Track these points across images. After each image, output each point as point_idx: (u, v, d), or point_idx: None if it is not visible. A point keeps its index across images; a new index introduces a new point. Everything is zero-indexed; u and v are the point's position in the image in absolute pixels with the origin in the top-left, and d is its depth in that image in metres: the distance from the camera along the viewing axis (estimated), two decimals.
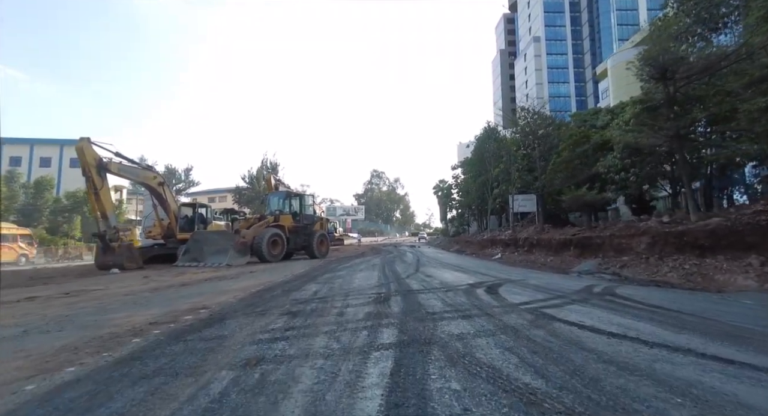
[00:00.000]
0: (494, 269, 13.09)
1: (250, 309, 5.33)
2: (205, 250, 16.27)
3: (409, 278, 9.14)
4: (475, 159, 33.79)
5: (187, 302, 5.99)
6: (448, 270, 11.87)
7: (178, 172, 72.89)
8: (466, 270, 11.97)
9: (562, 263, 15.06)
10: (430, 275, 10.04)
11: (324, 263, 15.99)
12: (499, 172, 26.64)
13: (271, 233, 16.60)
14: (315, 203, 32.63)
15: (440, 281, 8.43)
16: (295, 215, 18.75)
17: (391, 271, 11.35)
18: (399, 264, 14.59)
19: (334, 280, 8.89)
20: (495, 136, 30.45)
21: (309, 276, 9.83)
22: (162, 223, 19.25)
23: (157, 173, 18.27)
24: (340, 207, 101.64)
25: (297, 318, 4.71)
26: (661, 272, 9.50)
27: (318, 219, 20.61)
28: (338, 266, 13.87)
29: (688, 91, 11.68)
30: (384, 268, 12.41)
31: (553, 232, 20.59)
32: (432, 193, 63.86)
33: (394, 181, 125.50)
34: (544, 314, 4.78)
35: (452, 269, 12.59)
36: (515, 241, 23.30)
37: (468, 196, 39.57)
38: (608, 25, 71.63)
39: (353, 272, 11.14)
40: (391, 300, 5.92)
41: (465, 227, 47.05)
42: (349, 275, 9.89)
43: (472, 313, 4.87)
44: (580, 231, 16.87)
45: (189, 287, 8.13)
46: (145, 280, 9.97)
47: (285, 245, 17.15)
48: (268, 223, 17.19)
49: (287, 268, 12.99)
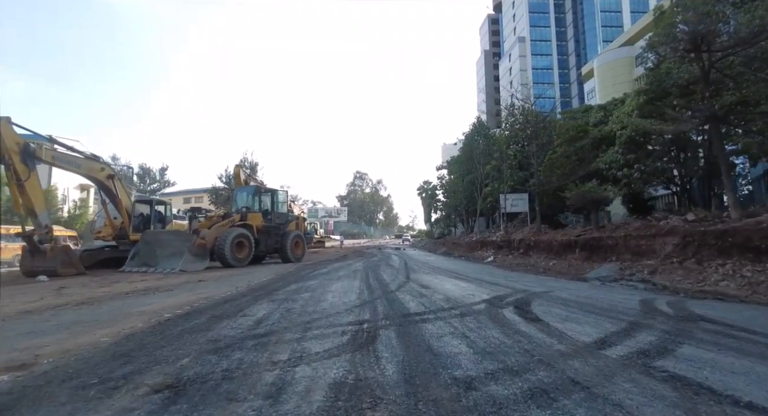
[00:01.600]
0: (497, 275, 11.16)
1: (104, 370, 2.88)
2: (158, 253, 13.91)
3: (400, 291, 7.07)
4: (464, 157, 32.08)
5: (21, 344, 3.71)
6: (445, 277, 9.87)
7: (153, 171, 69.49)
8: (467, 277, 9.99)
9: (569, 267, 13.24)
10: (426, 285, 8.00)
11: (297, 268, 13.79)
12: (491, 169, 24.87)
13: (236, 234, 14.32)
14: (292, 201, 30.25)
15: (444, 296, 6.38)
16: (266, 213, 16.50)
17: (377, 280, 9.25)
18: (385, 269, 12.54)
19: (299, 295, 6.66)
20: (484, 132, 28.70)
21: (267, 289, 7.61)
22: (113, 222, 16.73)
23: (105, 164, 15.72)
24: (323, 209, 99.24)
25: (175, 406, 2.24)
26: (710, 281, 7.69)
27: (293, 218, 18.36)
28: (312, 272, 11.71)
29: (723, 66, 9.97)
30: (367, 275, 10.29)
31: (551, 233, 18.87)
32: (416, 194, 62.04)
33: (377, 182, 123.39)
34: (662, 372, 2.76)
35: (449, 275, 10.60)
36: (509, 243, 21.55)
37: (454, 196, 37.83)
38: (593, 26, 71.46)
39: (329, 281, 8.97)
40: (379, 341, 3.63)
41: (451, 228, 45.32)
42: (322, 287, 7.74)
43: (540, 379, 2.60)
44: (585, 231, 15.13)
45: (90, 306, 5.85)
46: (56, 292, 7.65)
47: (252, 248, 14.89)
48: (233, 222, 14.90)
49: (249, 275, 10.78)
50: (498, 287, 7.61)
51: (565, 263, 14.46)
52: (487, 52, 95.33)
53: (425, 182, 57.06)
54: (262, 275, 10.84)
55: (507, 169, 23.78)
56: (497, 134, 28.39)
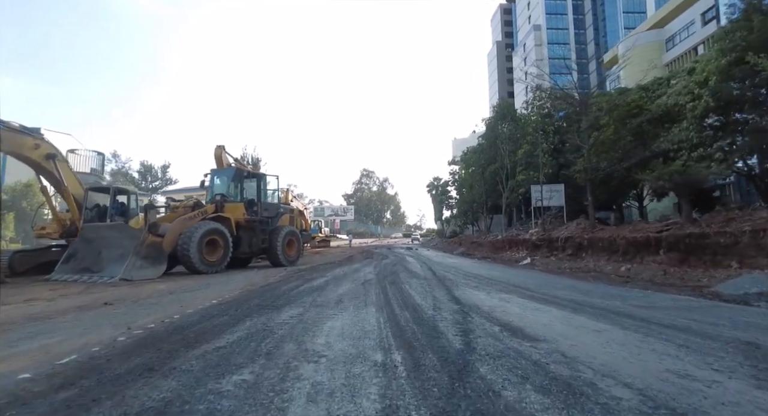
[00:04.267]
0: (567, 287, 7.47)
1: None
2: (104, 255, 10.45)
3: (477, 351, 3.25)
4: (486, 145, 28.27)
5: None
6: (512, 297, 6.18)
7: (155, 169, 66.54)
8: (543, 296, 6.30)
9: (664, 276, 9.50)
10: (503, 321, 4.29)
11: (284, 276, 10.09)
12: (523, 153, 21.03)
13: (207, 230, 10.77)
14: (293, 195, 26.67)
15: (578, 361, 2.73)
16: (251, 204, 12.93)
17: (405, 304, 5.44)
18: (408, 280, 8.85)
19: (228, 378, 2.62)
20: (512, 115, 24.93)
21: (183, 335, 3.85)
22: (60, 216, 13.31)
23: (41, 140, 12.14)
24: (329, 207, 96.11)
25: None
26: None
27: (285, 211, 14.73)
28: (301, 286, 7.99)
29: None
30: (386, 294, 6.53)
31: (609, 229, 15.11)
32: (425, 192, 58.24)
33: (384, 180, 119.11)
34: None
35: (509, 290, 6.94)
36: (549, 242, 17.81)
37: (471, 191, 34.03)
38: (614, 12, 67.24)
39: (320, 311, 5.00)
40: None
41: (468, 226, 41.52)
42: (302, 335, 3.82)
43: None
44: (668, 226, 11.35)
45: None
46: None
47: (229, 248, 11.35)
48: (204, 214, 11.36)
49: (203, 291, 7.19)
50: (636, 323, 3.98)
51: (645, 268, 10.75)
52: (499, 43, 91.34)
53: (435, 179, 53.54)
54: (225, 290, 7.21)
55: (543, 153, 19.99)
56: (527, 116, 24.58)
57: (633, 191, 19.03)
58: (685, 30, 42.80)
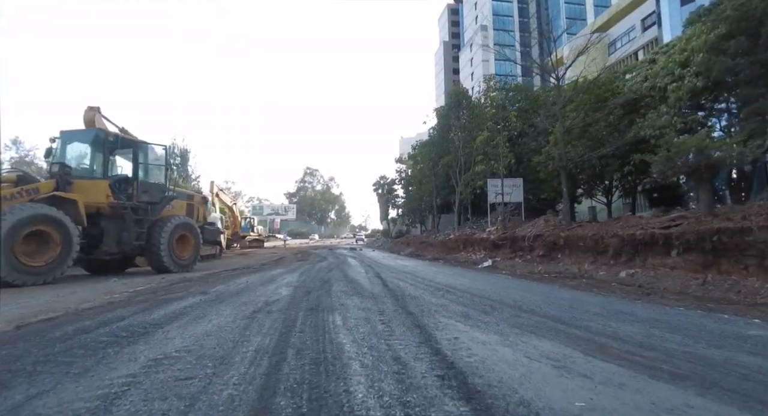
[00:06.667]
0: (573, 307, 4.57)
1: None
2: None
3: None
4: (437, 137, 25.69)
5: None
6: (554, 345, 3.11)
7: None
8: (591, 332, 3.31)
9: (686, 286, 6.99)
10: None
11: (131, 295, 6.21)
12: (481, 142, 18.48)
13: (26, 218, 6.72)
14: (213, 184, 22.25)
15: None
16: (122, 182, 8.90)
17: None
18: (342, 299, 5.53)
19: None
20: (468, 102, 22.49)
21: None
22: None
23: None
24: (269, 206, 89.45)
25: None
26: None
27: (179, 197, 10.60)
28: (120, 322, 4.39)
29: None
30: (281, 346, 3.20)
31: (590, 226, 12.76)
32: (371, 191, 55.44)
33: (329, 179, 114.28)
34: None
35: (531, 323, 3.88)
36: (513, 241, 15.31)
37: (421, 187, 31.43)
38: (557, 16, 68.74)
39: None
40: None
41: (416, 225, 38.97)
42: None
43: None
44: (679, 219, 8.98)
45: None
46: None
47: (73, 246, 7.35)
48: (35, 193, 7.26)
49: None
50: None
51: (657, 275, 8.27)
52: (446, 43, 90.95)
53: (382, 177, 50.94)
54: None
55: (503, 143, 17.59)
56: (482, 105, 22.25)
57: (602, 184, 17.13)
58: (626, 35, 43.65)
